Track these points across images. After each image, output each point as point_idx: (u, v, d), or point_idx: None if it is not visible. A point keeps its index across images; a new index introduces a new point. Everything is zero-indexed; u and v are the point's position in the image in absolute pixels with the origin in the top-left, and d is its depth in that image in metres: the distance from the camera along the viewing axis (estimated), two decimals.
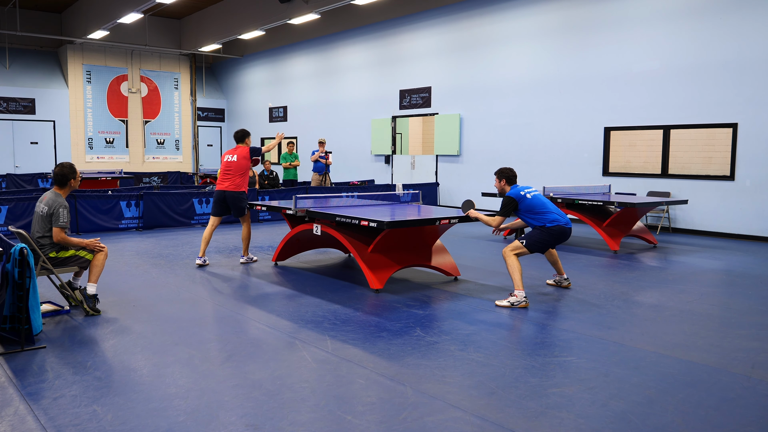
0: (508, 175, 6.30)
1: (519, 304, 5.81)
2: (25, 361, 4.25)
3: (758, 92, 10.06)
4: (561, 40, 12.84)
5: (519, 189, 6.20)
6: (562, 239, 6.14)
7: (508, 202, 6.13)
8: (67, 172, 5.45)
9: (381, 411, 3.47)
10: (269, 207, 7.68)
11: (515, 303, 5.82)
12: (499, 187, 6.35)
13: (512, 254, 6.02)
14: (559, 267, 6.63)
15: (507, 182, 6.30)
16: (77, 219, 10.57)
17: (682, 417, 3.42)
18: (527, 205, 6.11)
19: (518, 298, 5.83)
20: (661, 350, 4.56)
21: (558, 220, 6.07)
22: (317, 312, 5.58)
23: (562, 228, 6.08)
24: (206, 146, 24.12)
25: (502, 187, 6.32)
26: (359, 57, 17.89)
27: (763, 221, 10.19)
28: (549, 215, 6.08)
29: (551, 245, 6.20)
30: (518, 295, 5.84)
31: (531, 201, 6.11)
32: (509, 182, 6.30)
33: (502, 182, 6.32)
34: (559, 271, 6.65)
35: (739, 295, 6.40)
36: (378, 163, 17.40)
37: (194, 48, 21.01)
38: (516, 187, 6.26)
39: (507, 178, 6.30)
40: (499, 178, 6.33)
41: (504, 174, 6.31)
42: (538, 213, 6.09)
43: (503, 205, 6.15)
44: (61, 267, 5.41)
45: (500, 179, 6.33)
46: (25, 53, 20.88)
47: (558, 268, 6.63)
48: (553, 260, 6.59)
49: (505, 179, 6.30)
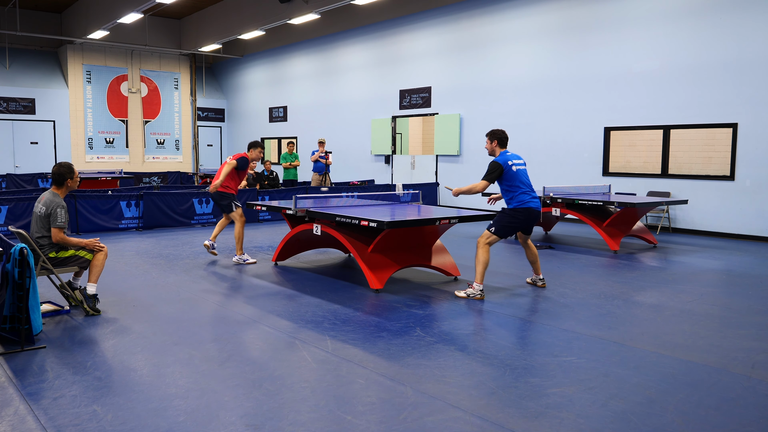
0: (500, 137, 6.20)
1: (474, 296, 6.02)
2: (25, 361, 4.25)
3: (758, 92, 10.06)
4: (561, 40, 12.84)
5: (507, 157, 6.11)
6: (531, 222, 6.14)
7: (495, 168, 6.06)
8: (65, 171, 5.44)
9: (381, 411, 3.47)
10: (269, 207, 7.68)
11: (471, 295, 6.03)
12: (489, 149, 6.26)
13: (484, 245, 6.07)
14: (537, 267, 6.59)
15: (498, 144, 6.21)
16: (77, 219, 10.57)
17: (682, 417, 3.42)
18: (509, 175, 6.07)
19: (475, 290, 6.02)
20: (661, 350, 4.56)
21: (526, 202, 6.04)
22: (317, 312, 5.58)
23: (529, 210, 6.05)
24: (206, 146, 24.12)
25: (493, 148, 6.24)
26: (359, 57, 17.89)
27: (763, 221, 10.19)
28: (519, 194, 6.05)
29: (519, 228, 6.19)
30: (475, 288, 6.02)
31: (514, 173, 6.07)
32: (501, 144, 6.21)
33: (493, 143, 6.22)
34: (536, 271, 6.61)
35: (739, 295, 6.40)
36: (378, 163, 17.40)
37: (194, 48, 21.01)
38: (505, 153, 6.16)
39: (499, 139, 6.20)
40: (491, 138, 6.22)
41: (496, 135, 6.20)
42: (512, 187, 6.07)
43: (489, 170, 6.09)
44: (61, 267, 5.41)
45: (491, 140, 6.22)
46: (25, 53, 20.88)
47: (536, 267, 6.59)
48: (533, 259, 6.54)
49: (497, 140, 6.20)
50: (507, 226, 6.09)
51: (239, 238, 7.94)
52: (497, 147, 6.21)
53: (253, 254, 8.60)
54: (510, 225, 6.08)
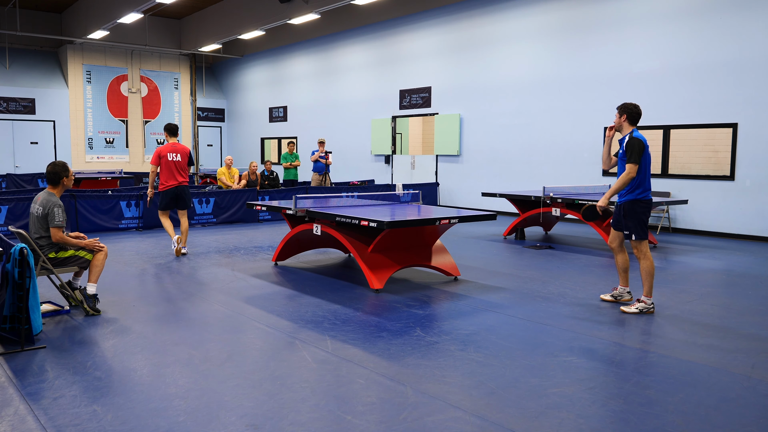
0: (632, 112, 5.36)
1: (647, 311, 5.48)
2: (25, 361, 4.25)
3: (758, 92, 10.06)
4: (561, 40, 12.84)
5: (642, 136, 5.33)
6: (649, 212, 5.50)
7: (639, 145, 5.22)
8: (59, 170, 5.44)
9: (381, 411, 3.47)
10: (269, 207, 7.68)
11: (644, 309, 5.47)
12: (617, 123, 5.45)
13: (645, 254, 5.40)
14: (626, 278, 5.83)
15: (629, 120, 5.40)
16: (77, 219, 10.57)
17: (682, 417, 3.42)
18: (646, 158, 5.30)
19: (647, 304, 5.46)
20: (661, 350, 4.56)
21: (650, 190, 5.42)
22: (317, 312, 5.57)
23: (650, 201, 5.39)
24: (206, 146, 24.12)
25: (621, 124, 5.43)
26: (359, 57, 17.89)
27: (763, 221, 10.19)
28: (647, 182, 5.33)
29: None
30: (646, 302, 5.46)
31: (648, 156, 5.35)
32: (631, 121, 5.40)
33: (622, 118, 5.41)
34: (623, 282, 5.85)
35: (739, 295, 6.40)
36: (378, 163, 17.40)
37: (194, 48, 21.01)
38: (637, 131, 5.38)
39: (630, 114, 5.37)
40: (621, 112, 5.40)
41: (627, 109, 5.38)
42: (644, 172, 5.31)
43: (631, 148, 5.24)
44: (60, 267, 5.41)
45: (621, 114, 5.40)
46: (25, 53, 20.87)
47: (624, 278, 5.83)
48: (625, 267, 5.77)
49: (626, 115, 5.39)
50: (643, 222, 5.36)
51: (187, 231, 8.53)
52: (626, 123, 5.42)
53: (253, 254, 8.61)
54: (644, 220, 5.34)
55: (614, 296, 5.92)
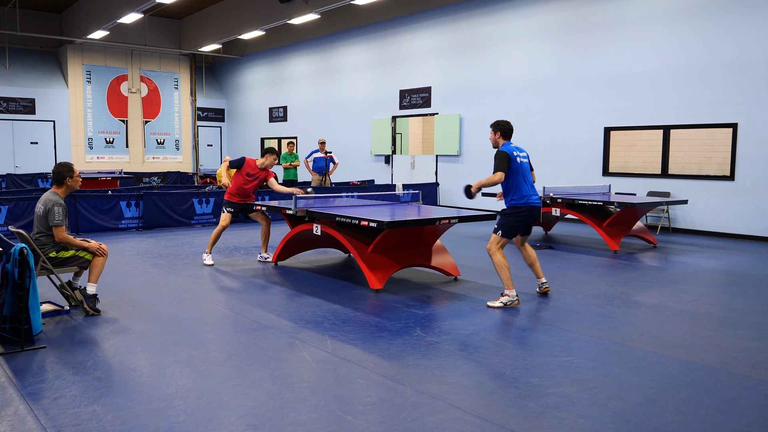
0: (504, 128, 5.99)
1: (511, 304, 5.73)
2: (25, 361, 4.25)
3: (758, 92, 10.06)
4: (561, 40, 12.84)
5: (512, 148, 5.90)
6: (532, 219, 5.91)
7: (503, 156, 5.80)
8: (64, 170, 5.45)
9: (381, 411, 3.47)
10: (269, 207, 7.68)
11: (507, 303, 5.73)
12: (493, 140, 6.05)
13: (497, 250, 5.83)
14: (538, 269, 6.25)
15: (502, 135, 5.99)
16: (77, 219, 10.57)
17: (682, 417, 3.42)
18: (513, 168, 5.83)
19: (510, 297, 5.74)
20: (661, 350, 4.56)
21: (527, 198, 5.84)
22: (317, 312, 5.57)
23: (531, 207, 5.86)
24: (206, 146, 24.12)
25: (497, 140, 6.01)
26: (359, 57, 17.89)
27: (763, 221, 10.19)
28: (521, 189, 5.84)
29: (524, 226, 5.95)
30: (510, 294, 5.74)
31: (518, 166, 5.85)
32: (504, 136, 5.99)
33: (497, 135, 6.00)
34: (537, 274, 6.27)
35: (739, 295, 6.40)
36: (378, 163, 17.40)
37: (194, 48, 21.01)
38: (509, 144, 5.97)
39: (503, 131, 5.99)
40: (495, 129, 6.00)
41: (500, 126, 6.00)
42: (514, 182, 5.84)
43: (497, 158, 5.83)
44: (61, 267, 5.41)
45: (495, 131, 6.00)
46: (25, 53, 20.88)
47: (536, 270, 6.25)
48: (531, 262, 6.22)
49: (500, 132, 5.99)
50: (513, 226, 5.86)
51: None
52: (501, 138, 6.00)
53: (253, 254, 8.61)
54: (515, 224, 5.86)
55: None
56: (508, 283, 5.75)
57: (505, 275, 5.76)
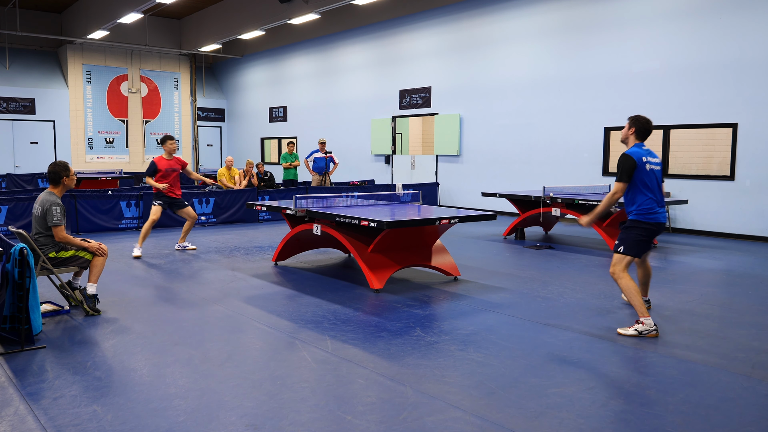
0: (642, 126, 5.06)
1: (648, 333, 4.88)
2: (25, 361, 4.25)
3: (758, 92, 10.06)
4: (561, 40, 12.84)
5: (642, 152, 4.99)
6: (656, 235, 5.12)
7: (625, 161, 4.93)
8: (60, 170, 5.45)
9: (381, 411, 3.47)
10: (269, 207, 7.68)
11: (643, 332, 4.88)
12: (624, 136, 5.16)
13: (622, 273, 4.98)
14: (647, 289, 5.56)
15: (636, 134, 5.09)
16: (77, 219, 10.57)
17: (682, 417, 3.42)
18: (641, 177, 4.95)
19: (647, 326, 4.89)
20: (661, 350, 4.56)
21: (653, 213, 5.01)
22: (317, 312, 5.57)
23: (658, 222, 5.03)
24: (206, 146, 24.12)
25: (628, 137, 5.12)
26: (359, 57, 17.89)
27: (763, 221, 10.19)
28: (646, 201, 4.99)
29: (649, 243, 5.13)
30: (646, 323, 4.90)
31: (646, 174, 4.97)
32: (639, 135, 5.08)
33: (630, 131, 5.10)
34: (643, 292, 5.56)
35: (739, 295, 6.40)
36: (378, 163, 17.40)
37: (194, 48, 21.01)
38: (641, 147, 5.05)
39: (639, 129, 5.07)
40: (631, 124, 5.09)
41: (638, 122, 5.07)
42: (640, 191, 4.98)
43: (620, 166, 4.97)
44: (61, 267, 5.41)
45: (630, 126, 5.10)
46: (25, 53, 20.87)
47: (645, 289, 5.56)
48: (645, 280, 5.48)
49: (635, 129, 5.08)
50: (637, 241, 5.00)
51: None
52: (634, 137, 5.10)
53: (253, 254, 8.61)
54: (640, 239, 5.00)
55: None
56: (642, 309, 4.91)
57: (637, 301, 4.90)
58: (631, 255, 4.99)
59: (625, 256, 5.00)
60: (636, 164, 4.93)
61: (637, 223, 5.04)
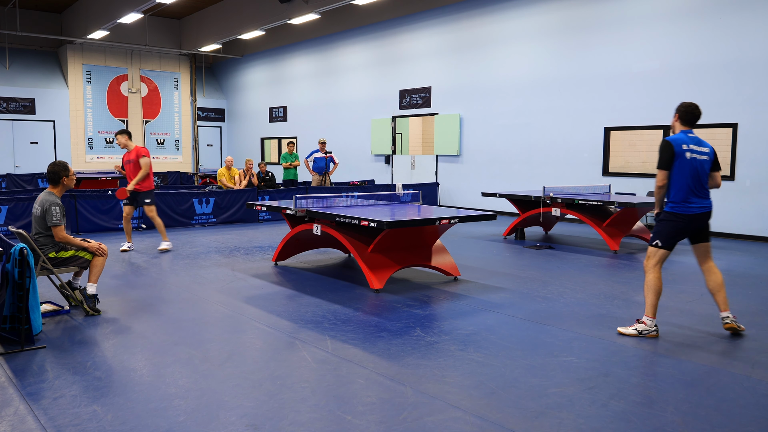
0: (685, 111, 4.85)
1: (648, 333, 4.82)
2: (25, 361, 4.25)
3: (758, 92, 10.06)
4: (561, 40, 12.84)
5: (684, 139, 4.80)
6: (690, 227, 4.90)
7: (663, 149, 4.75)
8: (59, 170, 5.45)
9: (381, 411, 3.47)
10: (269, 207, 7.68)
11: (643, 332, 4.83)
12: (672, 123, 5.01)
13: (652, 268, 4.84)
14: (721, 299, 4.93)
15: (680, 119, 4.89)
16: (77, 219, 10.57)
17: (682, 417, 3.42)
18: (678, 164, 4.74)
19: (647, 326, 4.83)
20: (661, 350, 4.56)
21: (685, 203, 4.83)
22: (317, 312, 5.57)
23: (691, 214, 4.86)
24: (206, 146, 24.12)
25: (674, 124, 4.96)
26: (359, 57, 17.89)
27: (763, 221, 10.19)
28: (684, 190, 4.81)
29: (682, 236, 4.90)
30: (647, 323, 4.83)
31: (686, 162, 4.75)
32: (684, 121, 4.88)
33: (675, 117, 4.93)
34: (720, 305, 4.95)
35: (739, 295, 6.40)
36: (378, 163, 17.40)
37: (194, 48, 21.01)
38: (685, 134, 4.84)
39: (682, 114, 4.87)
40: (676, 110, 4.92)
41: (682, 108, 4.88)
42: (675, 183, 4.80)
43: (660, 151, 4.81)
44: (61, 267, 5.41)
45: (676, 112, 4.92)
46: (25, 53, 20.87)
47: (719, 300, 4.94)
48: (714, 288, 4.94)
49: (679, 114, 4.89)
50: (668, 234, 4.83)
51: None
52: (679, 123, 4.91)
53: (253, 254, 8.61)
54: (671, 232, 4.82)
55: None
56: (651, 309, 4.82)
57: (651, 299, 4.80)
58: (665, 248, 4.84)
59: (658, 250, 4.86)
60: (674, 152, 4.75)
61: (668, 215, 4.89)
